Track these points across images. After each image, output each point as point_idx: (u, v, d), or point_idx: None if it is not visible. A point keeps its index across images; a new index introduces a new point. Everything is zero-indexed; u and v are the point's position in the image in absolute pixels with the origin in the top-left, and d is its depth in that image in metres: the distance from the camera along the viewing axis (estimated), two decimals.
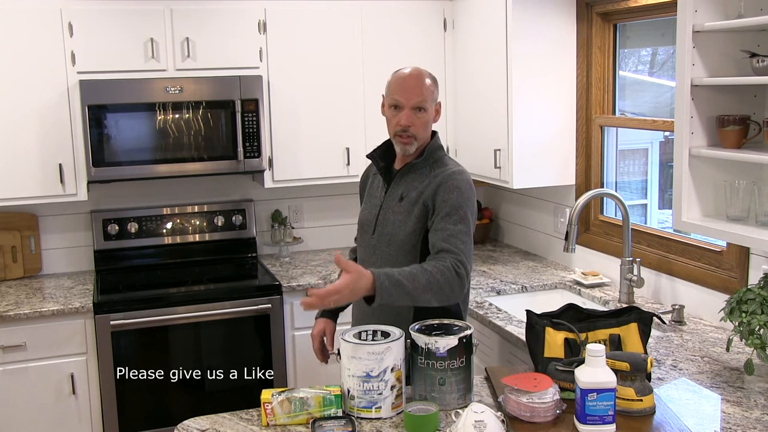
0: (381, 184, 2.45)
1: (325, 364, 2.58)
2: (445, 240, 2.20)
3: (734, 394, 2.14)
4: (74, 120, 3.50)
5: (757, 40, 2.40)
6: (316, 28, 3.77)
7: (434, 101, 2.35)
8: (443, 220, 2.23)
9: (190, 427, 2.02)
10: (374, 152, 2.46)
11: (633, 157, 3.88)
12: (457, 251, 2.18)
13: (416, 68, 2.36)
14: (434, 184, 2.29)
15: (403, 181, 2.38)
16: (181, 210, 3.98)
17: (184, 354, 3.46)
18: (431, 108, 2.33)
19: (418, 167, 2.36)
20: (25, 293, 3.52)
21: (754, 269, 2.62)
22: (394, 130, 2.34)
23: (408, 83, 2.31)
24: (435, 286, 2.12)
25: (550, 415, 1.91)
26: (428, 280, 2.10)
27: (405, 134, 2.31)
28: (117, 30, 3.51)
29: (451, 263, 2.16)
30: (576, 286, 3.34)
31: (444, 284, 2.13)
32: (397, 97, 2.30)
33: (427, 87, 2.32)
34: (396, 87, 2.32)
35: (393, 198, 2.38)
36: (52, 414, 3.34)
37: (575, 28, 3.48)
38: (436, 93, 2.36)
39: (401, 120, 2.29)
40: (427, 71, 2.37)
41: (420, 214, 2.30)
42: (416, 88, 2.30)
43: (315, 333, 2.56)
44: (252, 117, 3.63)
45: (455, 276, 2.15)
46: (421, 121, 2.31)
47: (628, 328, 2.15)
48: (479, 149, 3.74)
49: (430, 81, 2.34)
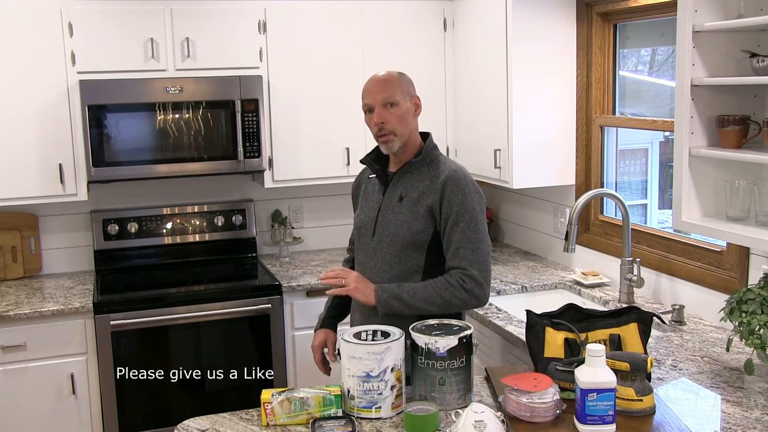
0: (377, 188, 2.45)
1: (327, 376, 2.58)
2: (454, 254, 2.27)
3: (734, 394, 2.14)
4: (74, 120, 3.50)
5: (757, 40, 2.39)
6: (316, 28, 3.77)
7: (407, 95, 2.36)
8: (451, 230, 2.27)
9: (190, 427, 2.02)
10: (368, 157, 2.47)
11: (633, 157, 3.89)
12: (466, 265, 2.25)
13: (384, 71, 2.40)
14: (437, 186, 2.30)
15: (401, 182, 2.38)
16: (181, 210, 3.98)
17: (184, 354, 3.46)
18: (404, 102, 2.33)
19: (415, 167, 2.37)
20: (25, 293, 3.53)
21: (754, 269, 2.62)
22: (374, 133, 2.36)
23: (372, 85, 2.36)
24: (438, 301, 2.25)
25: (550, 415, 1.91)
26: (428, 295, 2.25)
27: (382, 132, 2.32)
28: (117, 30, 3.51)
29: (456, 280, 2.25)
30: (576, 286, 3.34)
31: (450, 299, 2.25)
32: (366, 100, 2.35)
33: (394, 82, 2.34)
34: (364, 93, 2.37)
35: (392, 199, 2.37)
36: (52, 414, 3.34)
37: (575, 28, 3.48)
38: (408, 87, 2.37)
39: (375, 119, 2.32)
40: (396, 70, 2.41)
41: (427, 215, 2.31)
42: (380, 86, 2.33)
43: (316, 345, 2.57)
44: (252, 117, 3.63)
45: (462, 291, 2.24)
46: (394, 116, 2.31)
47: (628, 328, 2.15)
48: (479, 149, 3.74)
49: (398, 75, 2.37)
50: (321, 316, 2.62)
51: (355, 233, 2.54)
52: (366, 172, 2.55)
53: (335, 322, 2.61)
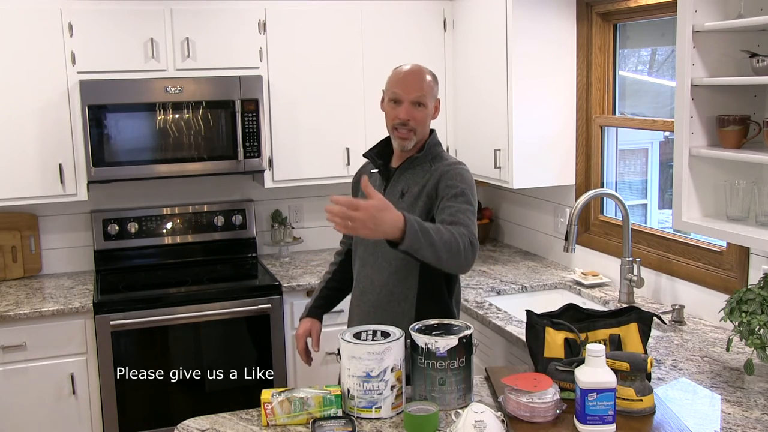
0: (377, 183, 2.44)
1: (308, 365, 2.58)
2: (454, 215, 2.18)
3: (734, 394, 2.14)
4: (74, 120, 3.50)
5: (757, 40, 2.40)
6: (316, 28, 3.77)
7: (434, 98, 2.37)
8: (449, 201, 2.23)
9: (190, 427, 2.02)
10: (371, 151, 2.47)
11: (633, 157, 3.89)
12: (468, 224, 2.17)
13: (417, 65, 2.38)
14: (436, 175, 2.30)
15: (403, 177, 2.38)
16: (181, 210, 3.98)
17: (184, 354, 3.46)
18: (430, 104, 2.35)
19: (418, 162, 2.37)
20: (25, 293, 3.53)
21: (754, 269, 2.62)
22: (392, 124, 2.34)
23: (408, 78, 2.33)
24: (454, 246, 2.06)
25: (550, 415, 1.91)
26: (449, 238, 2.05)
27: (404, 128, 2.32)
28: (117, 30, 3.51)
29: (466, 232, 2.13)
30: (576, 286, 3.34)
31: (461, 248, 2.08)
32: (397, 90, 2.32)
33: (428, 83, 2.34)
34: (396, 81, 2.34)
35: (393, 194, 2.36)
36: (52, 414, 3.34)
37: (575, 28, 3.48)
38: (436, 90, 2.38)
39: (400, 114, 2.31)
40: (428, 69, 2.39)
41: (424, 207, 2.30)
42: (416, 83, 2.32)
43: (300, 333, 2.55)
44: (252, 117, 3.63)
45: (469, 245, 2.11)
46: (420, 116, 2.32)
47: (628, 328, 2.15)
48: (479, 149, 3.74)
49: (431, 77, 2.36)
50: (308, 305, 2.62)
51: None
52: (368, 166, 2.54)
53: (321, 313, 2.61)
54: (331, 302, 2.64)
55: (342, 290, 2.64)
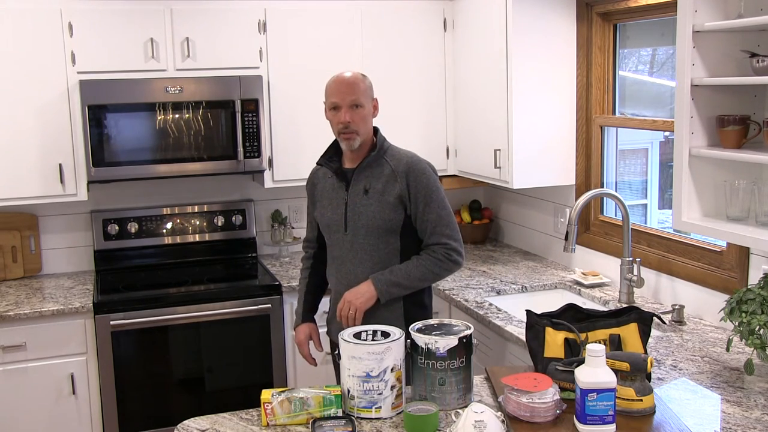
0: (336, 185, 2.61)
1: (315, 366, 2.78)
2: (432, 233, 2.52)
3: (734, 394, 2.14)
4: (74, 120, 3.50)
5: (757, 40, 2.40)
6: (316, 28, 3.77)
7: (370, 98, 2.56)
8: (424, 212, 2.51)
9: (190, 427, 2.02)
10: (323, 158, 2.65)
11: (633, 157, 3.89)
12: (446, 240, 2.52)
13: (349, 71, 2.58)
14: (401, 176, 2.51)
15: (363, 175, 2.56)
16: (181, 210, 3.98)
17: (184, 354, 3.46)
18: (368, 104, 2.54)
19: (374, 160, 2.56)
20: (25, 293, 3.53)
21: (754, 269, 2.62)
22: (337, 129, 2.53)
23: (342, 86, 2.52)
24: (429, 276, 2.53)
25: (550, 415, 1.91)
26: (422, 274, 2.51)
27: (347, 131, 2.50)
28: (117, 30, 3.51)
29: (442, 255, 2.52)
30: (576, 286, 3.34)
31: (438, 272, 2.53)
32: (335, 99, 2.52)
33: (361, 86, 2.53)
34: (333, 91, 2.53)
35: (357, 193, 2.55)
36: (52, 414, 3.34)
37: (575, 28, 3.48)
38: (370, 91, 2.57)
39: (341, 118, 2.50)
40: (360, 72, 2.59)
41: (397, 202, 2.50)
42: (350, 88, 2.51)
43: (302, 339, 2.75)
44: (252, 117, 3.63)
45: (449, 263, 2.53)
46: (359, 116, 2.51)
47: (628, 328, 2.15)
48: (479, 149, 3.74)
49: (363, 79, 2.55)
50: (298, 312, 2.80)
51: (323, 231, 2.68)
52: (318, 172, 2.73)
53: (313, 315, 2.81)
54: (316, 303, 2.84)
55: (321, 289, 2.84)
